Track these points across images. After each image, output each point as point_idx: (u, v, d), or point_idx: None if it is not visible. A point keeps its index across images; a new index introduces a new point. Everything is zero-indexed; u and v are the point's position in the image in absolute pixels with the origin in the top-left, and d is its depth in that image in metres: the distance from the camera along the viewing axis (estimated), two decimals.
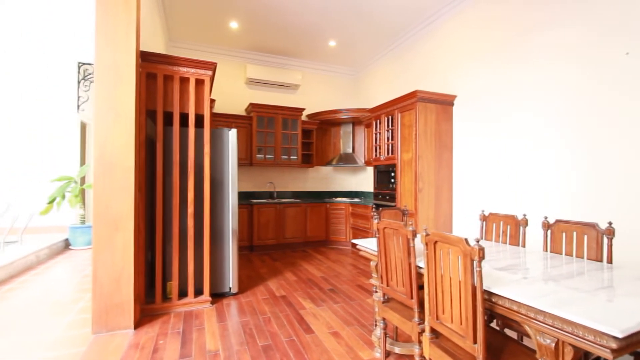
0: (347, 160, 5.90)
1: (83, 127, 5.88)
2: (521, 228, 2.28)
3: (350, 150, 6.08)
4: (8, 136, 5.40)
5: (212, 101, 4.78)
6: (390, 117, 4.37)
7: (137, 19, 2.51)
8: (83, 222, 5.15)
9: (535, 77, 3.05)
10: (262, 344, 2.30)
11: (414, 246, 1.66)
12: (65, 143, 5.65)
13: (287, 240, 5.40)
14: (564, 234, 2.03)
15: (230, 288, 3.22)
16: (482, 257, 1.25)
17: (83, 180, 5.41)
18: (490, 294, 1.36)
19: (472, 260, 1.28)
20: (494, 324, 2.20)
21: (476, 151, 3.73)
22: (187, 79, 2.92)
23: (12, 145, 5.42)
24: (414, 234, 1.64)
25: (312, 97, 6.27)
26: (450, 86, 4.11)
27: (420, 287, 1.74)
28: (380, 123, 4.63)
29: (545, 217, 2.16)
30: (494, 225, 2.50)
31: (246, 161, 5.39)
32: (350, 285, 3.62)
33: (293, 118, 5.67)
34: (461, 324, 1.35)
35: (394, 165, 4.28)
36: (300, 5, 4.17)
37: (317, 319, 2.72)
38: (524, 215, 2.27)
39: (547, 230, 2.13)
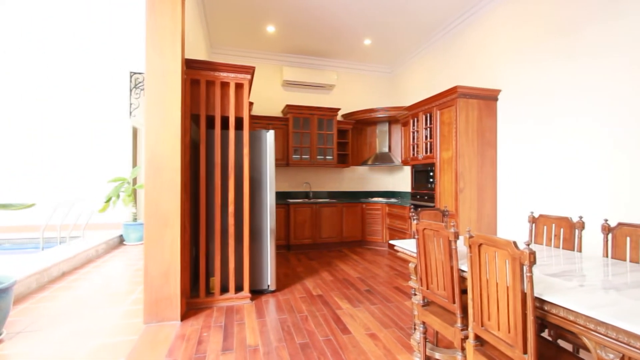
0: (383, 160, 5.81)
1: (134, 131, 6.34)
2: (576, 231, 2.10)
3: (386, 150, 5.97)
4: (70, 141, 5.97)
5: (250, 104, 4.94)
6: (428, 115, 4.23)
7: (182, 30, 2.66)
8: (135, 219, 5.56)
9: (586, 71, 2.80)
10: (300, 341, 2.34)
11: (456, 248, 1.60)
12: (119, 147, 6.14)
13: (323, 239, 5.43)
14: (628, 239, 1.84)
15: (268, 285, 3.31)
16: (532, 262, 1.17)
17: (135, 180, 5.84)
18: (542, 301, 1.27)
19: (521, 265, 1.20)
20: (545, 334, 2.05)
21: (524, 148, 3.49)
22: (228, 84, 3.04)
23: (74, 149, 5.98)
24: (456, 236, 1.58)
25: (348, 97, 6.25)
26: (493, 80, 3.89)
27: (463, 292, 1.67)
28: (417, 121, 4.50)
29: (606, 220, 1.97)
30: (545, 227, 2.33)
31: (283, 162, 5.50)
32: (387, 287, 3.56)
33: (328, 118, 5.69)
34: (509, 332, 1.28)
35: (432, 165, 4.14)
36: (335, 5, 4.18)
37: (354, 320, 2.71)
38: (580, 217, 2.09)
39: (607, 234, 1.94)
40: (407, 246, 2.23)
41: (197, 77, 2.93)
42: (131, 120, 6.16)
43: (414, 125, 4.63)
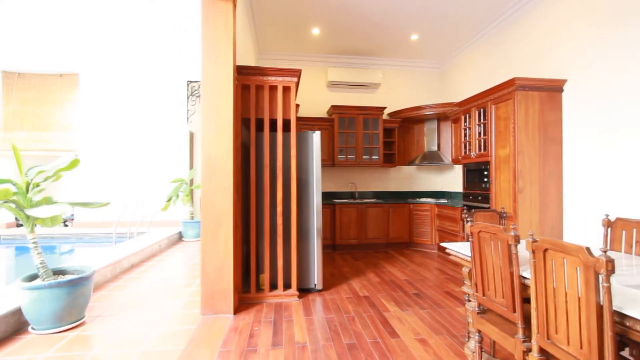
0: (432, 159, 5.58)
1: (191, 136, 6.83)
2: None
3: (435, 148, 5.73)
4: (137, 146, 6.59)
5: (297, 106, 5.05)
6: (482, 110, 3.98)
7: (234, 39, 2.81)
8: (192, 217, 5.98)
9: None
10: (347, 342, 2.34)
11: (516, 253, 1.48)
12: (178, 150, 6.65)
13: (369, 240, 5.37)
14: None
15: (315, 284, 3.35)
16: (610, 271, 1.04)
17: (192, 182, 6.28)
18: (623, 316, 1.13)
19: (596, 274, 1.08)
20: (626, 353, 1.82)
21: (596, 144, 3.13)
22: (275, 87, 3.14)
23: (140, 153, 6.59)
24: (517, 240, 1.46)
25: (393, 95, 6.11)
26: (558, 70, 3.54)
27: (526, 300, 1.54)
28: (470, 117, 4.26)
29: None
30: (624, 232, 2.07)
31: (328, 162, 5.54)
32: (437, 291, 3.41)
33: (374, 117, 5.61)
34: (581, 348, 1.15)
35: (487, 163, 3.88)
36: (381, 2, 4.11)
37: (402, 324, 2.64)
38: None
39: None
40: (460, 249, 2.12)
41: (247, 82, 3.07)
42: (188, 126, 6.64)
43: (465, 121, 4.39)
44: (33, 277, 2.39)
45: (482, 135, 4.00)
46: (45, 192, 2.57)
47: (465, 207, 4.39)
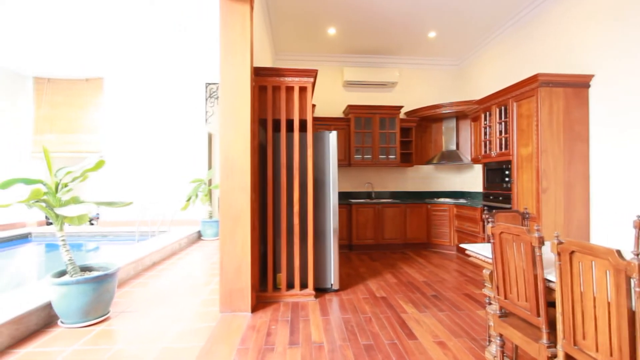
0: (450, 158, 5.48)
1: (210, 137, 6.96)
2: None
3: (453, 147, 5.62)
4: (158, 147, 6.78)
5: (313, 106, 5.06)
6: (503, 108, 3.87)
7: (251, 42, 2.84)
8: (210, 217, 6.10)
9: None
10: (364, 342, 2.32)
11: (540, 255, 1.43)
12: (197, 151, 6.79)
13: (386, 241, 5.32)
14: None
15: (331, 284, 3.35)
16: None
17: (210, 182, 6.41)
18: None
19: (628, 278, 1.03)
20: None
21: (625, 141, 2.99)
22: (292, 88, 3.16)
23: (160, 154, 6.78)
24: (541, 241, 1.42)
25: (411, 94, 6.03)
26: (583, 65, 3.40)
27: (550, 304, 1.49)
28: (490, 115, 4.15)
29: None
30: None
31: (344, 162, 5.52)
32: (456, 293, 3.34)
33: (391, 117, 5.55)
34: (611, 355, 1.10)
35: (508, 162, 3.77)
36: (397, 0, 4.06)
37: (420, 325, 2.60)
38: None
39: None
40: (480, 251, 2.07)
41: (264, 83, 3.10)
42: (207, 127, 6.78)
43: (485, 119, 4.28)
44: (62, 273, 2.50)
45: (503, 134, 3.89)
46: (73, 192, 2.68)
47: (485, 208, 4.27)
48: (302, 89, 3.18)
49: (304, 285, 3.20)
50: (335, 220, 3.35)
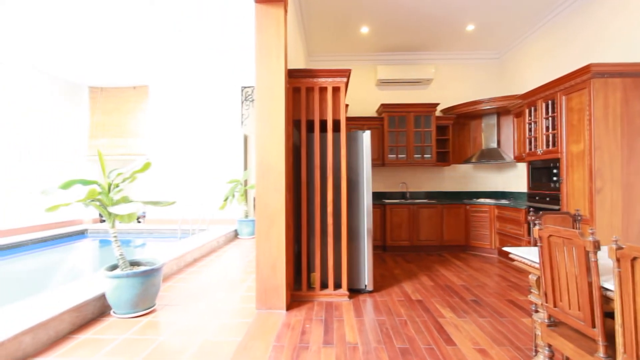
0: (490, 157, 5.21)
1: (245, 138, 7.19)
2: None
3: (494, 145, 5.34)
4: (198, 148, 7.12)
5: (346, 106, 5.05)
6: (550, 102, 3.62)
7: (285, 44, 2.90)
8: (246, 216, 6.29)
9: None
10: (399, 346, 2.27)
11: (596, 261, 1.32)
12: (233, 152, 7.04)
13: (422, 242, 5.17)
14: None
15: (365, 285, 3.32)
16: None
17: (246, 182, 6.61)
18: None
19: None
20: None
21: None
22: (325, 88, 3.17)
23: (201, 155, 7.11)
24: (597, 246, 1.30)
25: (447, 90, 5.81)
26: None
27: (607, 314, 1.37)
28: (535, 110, 3.89)
29: None
30: None
31: (378, 162, 5.45)
32: (498, 299, 3.17)
33: (426, 115, 5.39)
34: None
35: (556, 160, 3.52)
36: None
37: (459, 331, 2.50)
38: None
39: None
40: (525, 255, 1.94)
41: (298, 85, 3.14)
42: (242, 129, 7.00)
43: (530, 115, 4.02)
44: (114, 267, 2.70)
45: (550, 130, 3.63)
46: (123, 192, 2.89)
47: (530, 209, 4.02)
48: (336, 89, 3.18)
49: (337, 286, 3.20)
50: (369, 221, 3.32)
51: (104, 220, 7.06)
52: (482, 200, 5.29)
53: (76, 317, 2.40)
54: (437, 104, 5.39)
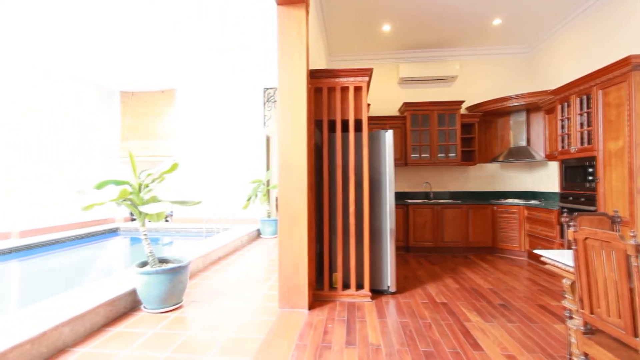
0: (519, 155, 5.00)
1: (267, 139, 7.29)
2: None
3: (523, 143, 5.13)
4: (222, 149, 7.29)
5: (368, 105, 5.01)
6: (585, 97, 3.43)
7: (307, 46, 2.91)
8: (269, 216, 6.38)
9: None
10: (424, 349, 2.23)
11: (637, 266, 1.24)
12: (256, 153, 7.16)
13: (446, 244, 5.05)
14: None
15: (388, 286, 3.28)
16: None
17: (268, 182, 6.71)
18: None
19: None
20: None
21: None
22: (347, 88, 3.16)
23: (225, 156, 7.28)
24: (638, 250, 1.22)
25: (472, 87, 5.64)
26: None
27: None
28: (568, 106, 3.71)
29: None
30: None
31: (401, 161, 5.37)
32: (528, 304, 3.04)
33: (450, 113, 5.26)
34: None
35: (592, 159, 3.33)
36: None
37: (486, 336, 2.42)
38: None
39: None
40: (558, 258, 1.85)
41: (320, 85, 3.15)
42: (265, 130, 7.11)
43: (563, 111, 3.83)
44: (144, 264, 2.82)
45: (585, 126, 3.44)
46: (152, 192, 3.00)
47: (563, 210, 3.83)
48: (357, 89, 3.17)
49: (359, 286, 3.18)
50: (392, 221, 3.28)
51: (134, 219, 7.38)
52: (510, 200, 5.10)
53: (110, 310, 2.52)
54: (462, 102, 5.24)
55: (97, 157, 7.05)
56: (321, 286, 3.25)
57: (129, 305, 2.74)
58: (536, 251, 2.10)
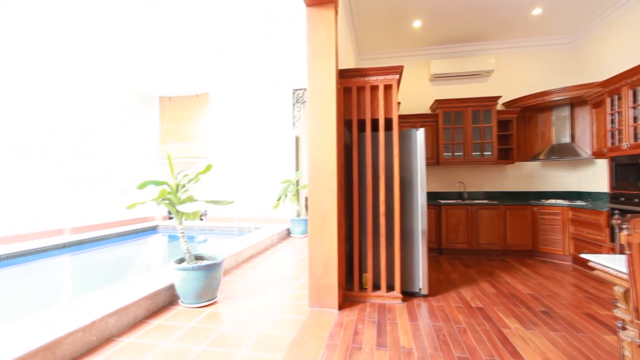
0: (562, 153, 4.69)
1: (297, 140, 7.37)
2: None
3: (567, 140, 4.80)
4: (253, 150, 7.48)
5: (398, 104, 4.93)
6: (639, 89, 3.15)
7: (336, 46, 2.92)
8: (298, 215, 6.45)
9: None
10: (458, 355, 2.15)
11: None
12: (286, 153, 7.27)
13: (481, 246, 4.84)
14: None
15: (420, 289, 3.21)
16: None
17: (298, 182, 6.78)
18: None
19: None
20: None
21: None
22: (377, 87, 3.13)
23: (256, 156, 7.46)
24: None
25: (510, 82, 5.37)
26: None
27: None
28: (619, 99, 3.43)
29: None
30: None
31: (432, 161, 5.22)
32: (573, 312, 2.85)
33: (485, 109, 5.03)
34: None
35: None
36: None
37: (527, 344, 2.29)
38: None
39: None
40: (609, 263, 1.72)
41: (349, 84, 3.14)
42: (294, 130, 7.20)
43: (612, 105, 3.55)
44: (181, 260, 2.95)
45: (638, 121, 3.16)
46: (189, 192, 3.14)
47: (614, 211, 3.54)
48: (387, 87, 3.12)
49: (390, 287, 3.13)
50: (424, 222, 3.20)
51: (171, 217, 7.75)
52: (552, 201, 4.79)
53: (150, 304, 2.67)
54: (499, 97, 5.00)
55: (139, 159, 7.49)
56: (351, 286, 3.23)
57: (167, 299, 2.88)
58: (583, 255, 1.96)
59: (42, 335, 1.92)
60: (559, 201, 4.72)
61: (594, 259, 1.83)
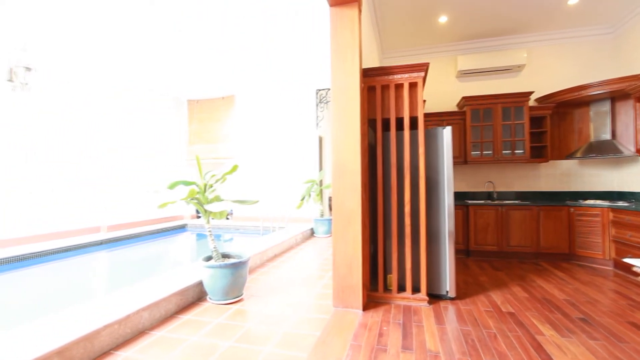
0: (602, 150, 4.41)
1: (320, 140, 7.40)
2: None
3: (607, 136, 4.51)
4: (277, 150, 7.58)
5: (423, 102, 4.83)
6: None
7: (360, 45, 2.90)
8: (322, 215, 6.47)
9: None
10: None
11: None
12: (309, 153, 7.31)
13: (512, 248, 4.64)
14: None
15: (447, 291, 3.12)
16: None
17: (321, 182, 6.80)
18: None
19: None
20: None
21: None
22: (401, 85, 3.08)
23: (280, 157, 7.56)
24: None
25: (543, 77, 5.11)
26: None
27: None
28: None
29: None
30: None
31: (460, 159, 5.07)
32: (615, 320, 2.67)
33: (517, 105, 4.82)
34: None
35: None
36: None
37: (563, 353, 2.17)
38: None
39: None
40: None
41: (373, 83, 3.11)
42: (317, 131, 7.23)
43: None
44: (209, 258, 3.05)
45: None
46: (216, 192, 3.24)
47: None
48: (412, 85, 3.06)
49: (416, 289, 3.07)
50: (451, 223, 3.11)
51: (199, 216, 8.01)
52: (591, 201, 4.51)
53: (180, 299, 2.78)
54: (531, 93, 4.77)
55: (169, 160, 7.79)
56: (375, 287, 3.20)
57: (196, 296, 2.98)
58: (627, 260, 1.83)
59: (82, 326, 2.04)
60: (599, 202, 4.44)
61: (638, 263, 1.71)
